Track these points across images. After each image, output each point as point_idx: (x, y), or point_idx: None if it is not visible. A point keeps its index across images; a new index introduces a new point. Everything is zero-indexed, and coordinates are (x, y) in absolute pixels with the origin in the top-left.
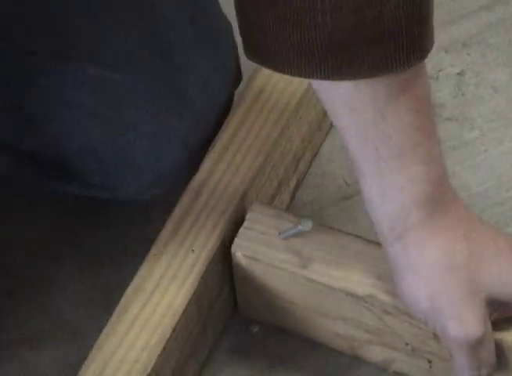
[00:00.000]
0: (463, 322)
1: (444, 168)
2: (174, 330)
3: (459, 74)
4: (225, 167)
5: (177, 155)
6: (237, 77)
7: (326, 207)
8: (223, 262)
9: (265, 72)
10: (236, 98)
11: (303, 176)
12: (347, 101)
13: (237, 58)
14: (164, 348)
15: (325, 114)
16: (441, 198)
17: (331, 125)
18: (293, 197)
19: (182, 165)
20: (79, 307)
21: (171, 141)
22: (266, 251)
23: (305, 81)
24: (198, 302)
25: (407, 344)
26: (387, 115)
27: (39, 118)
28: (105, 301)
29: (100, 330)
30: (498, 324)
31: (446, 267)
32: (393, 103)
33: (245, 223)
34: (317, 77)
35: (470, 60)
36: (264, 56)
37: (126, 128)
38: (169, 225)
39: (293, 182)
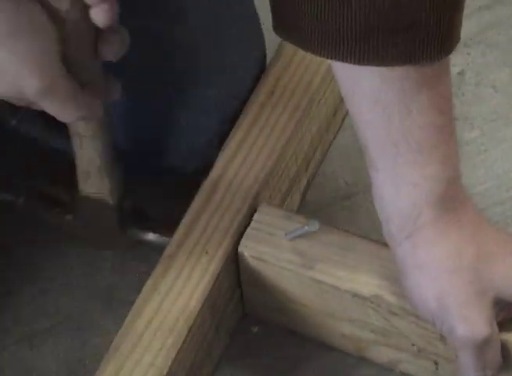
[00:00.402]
0: (470, 322)
1: (458, 168)
2: (189, 332)
3: (459, 73)
4: (238, 167)
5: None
6: (262, 67)
7: (326, 207)
8: (236, 264)
9: (276, 71)
10: None
11: (312, 177)
12: (372, 94)
13: (263, 52)
14: (180, 350)
15: (334, 113)
16: (452, 198)
17: (340, 125)
18: (303, 198)
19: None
20: (81, 303)
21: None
22: (273, 252)
23: (316, 79)
24: (212, 304)
25: (413, 345)
26: (412, 110)
27: None
28: (107, 298)
29: (102, 326)
30: (504, 325)
31: (454, 268)
32: (419, 99)
33: (252, 224)
34: (345, 60)
35: (471, 60)
36: (293, 33)
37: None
38: (182, 227)
39: (303, 183)
